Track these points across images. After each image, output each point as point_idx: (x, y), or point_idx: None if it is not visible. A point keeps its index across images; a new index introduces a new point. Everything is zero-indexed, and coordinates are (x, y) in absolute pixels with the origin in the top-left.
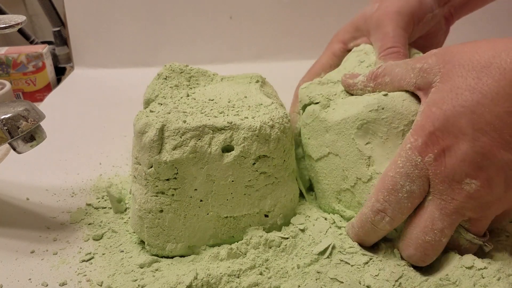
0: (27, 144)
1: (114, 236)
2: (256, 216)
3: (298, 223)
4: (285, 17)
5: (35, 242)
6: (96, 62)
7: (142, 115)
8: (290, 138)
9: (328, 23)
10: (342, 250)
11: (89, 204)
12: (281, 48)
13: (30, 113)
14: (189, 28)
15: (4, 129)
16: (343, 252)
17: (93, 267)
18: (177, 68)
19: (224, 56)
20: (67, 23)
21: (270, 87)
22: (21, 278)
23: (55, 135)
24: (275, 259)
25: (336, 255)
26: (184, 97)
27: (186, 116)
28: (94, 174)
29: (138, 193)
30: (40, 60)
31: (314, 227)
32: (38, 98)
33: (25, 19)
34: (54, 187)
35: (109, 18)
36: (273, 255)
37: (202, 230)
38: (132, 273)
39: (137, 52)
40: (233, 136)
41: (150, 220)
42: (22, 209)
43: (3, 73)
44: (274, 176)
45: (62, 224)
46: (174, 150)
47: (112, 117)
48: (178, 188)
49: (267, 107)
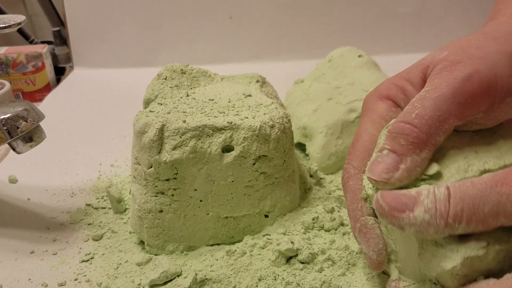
0: (27, 144)
1: (113, 236)
2: (256, 216)
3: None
4: (285, 17)
5: (34, 243)
6: (96, 62)
7: (142, 115)
8: (290, 138)
9: (328, 23)
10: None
11: (88, 204)
12: (281, 48)
13: (30, 113)
14: (189, 28)
15: (3, 129)
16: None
17: (92, 267)
18: (178, 68)
19: (224, 56)
20: (66, 23)
21: (270, 87)
22: (21, 278)
23: (55, 135)
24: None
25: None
26: (184, 97)
27: (186, 116)
28: (93, 174)
29: (137, 193)
30: (39, 60)
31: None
32: (38, 98)
33: (25, 19)
34: (54, 187)
35: (109, 18)
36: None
37: (202, 230)
38: (131, 273)
39: (137, 52)
40: (233, 136)
41: (149, 220)
42: (22, 209)
43: (2, 73)
44: (274, 176)
45: (61, 224)
46: (174, 150)
47: (112, 117)
48: (178, 188)
49: (267, 107)
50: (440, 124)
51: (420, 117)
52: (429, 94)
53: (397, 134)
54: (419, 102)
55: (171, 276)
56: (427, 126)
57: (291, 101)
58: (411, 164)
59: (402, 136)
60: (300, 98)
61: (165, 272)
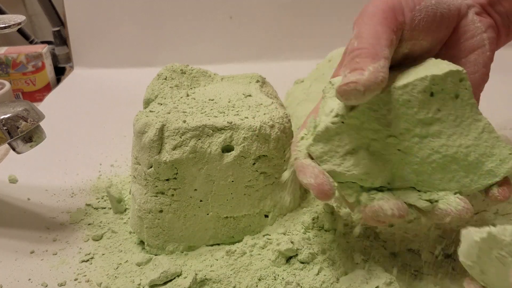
0: (27, 144)
1: (113, 236)
2: (256, 216)
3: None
4: (285, 17)
5: (35, 243)
6: (95, 62)
7: (142, 115)
8: (290, 138)
9: (328, 23)
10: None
11: (88, 205)
12: (281, 48)
13: (30, 113)
14: (189, 28)
15: (3, 129)
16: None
17: (92, 268)
18: (178, 68)
19: (224, 56)
20: (66, 23)
21: (270, 87)
22: (21, 278)
23: (55, 135)
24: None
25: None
26: (184, 97)
27: (186, 116)
28: (93, 174)
29: (137, 193)
30: (39, 60)
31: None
32: (38, 98)
33: (25, 19)
34: (54, 187)
35: (109, 18)
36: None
37: (202, 230)
38: (131, 273)
39: (137, 52)
40: (233, 136)
41: (149, 220)
42: (22, 209)
43: (2, 73)
44: (274, 176)
45: (61, 224)
46: (174, 150)
47: (112, 117)
48: (178, 188)
49: (267, 107)
50: (379, 40)
51: (363, 40)
52: (362, 21)
53: (351, 59)
54: (357, 27)
55: (171, 276)
56: (371, 44)
57: (291, 101)
58: (373, 69)
59: (356, 57)
60: (300, 98)
61: (165, 272)
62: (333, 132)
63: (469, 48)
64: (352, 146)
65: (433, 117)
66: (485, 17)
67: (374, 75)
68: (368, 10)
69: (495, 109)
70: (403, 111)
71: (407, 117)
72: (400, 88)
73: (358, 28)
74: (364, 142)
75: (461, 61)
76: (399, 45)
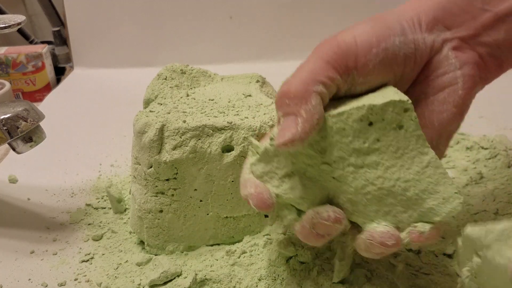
0: (27, 144)
1: (113, 236)
2: (256, 216)
3: None
4: (285, 17)
5: (35, 243)
6: (95, 62)
7: (142, 115)
8: None
9: (328, 23)
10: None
11: (88, 204)
12: (281, 48)
13: (30, 113)
14: (189, 28)
15: (3, 129)
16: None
17: (92, 268)
18: (178, 68)
19: (224, 56)
20: (66, 23)
21: (270, 87)
22: (21, 278)
23: (55, 135)
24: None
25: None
26: (184, 97)
27: (186, 116)
28: (93, 174)
29: (137, 193)
30: (39, 60)
31: None
32: (38, 98)
33: (25, 19)
34: (54, 187)
35: (109, 18)
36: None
37: (202, 230)
38: (131, 273)
39: (137, 52)
40: (233, 136)
41: (149, 220)
42: (22, 209)
43: (2, 73)
44: None
45: (61, 224)
46: (174, 150)
47: (112, 117)
48: (178, 188)
49: (267, 107)
50: (314, 76)
51: (294, 77)
52: (308, 57)
53: (280, 97)
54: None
55: (171, 276)
56: (301, 80)
57: None
58: (306, 114)
59: (285, 97)
60: None
61: (165, 272)
62: (271, 153)
63: (438, 86)
64: (290, 169)
65: (371, 147)
66: (465, 52)
67: (309, 123)
68: (319, 48)
69: (495, 109)
70: (337, 139)
71: (341, 146)
72: (334, 116)
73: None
74: (301, 167)
75: (429, 99)
76: (352, 85)
